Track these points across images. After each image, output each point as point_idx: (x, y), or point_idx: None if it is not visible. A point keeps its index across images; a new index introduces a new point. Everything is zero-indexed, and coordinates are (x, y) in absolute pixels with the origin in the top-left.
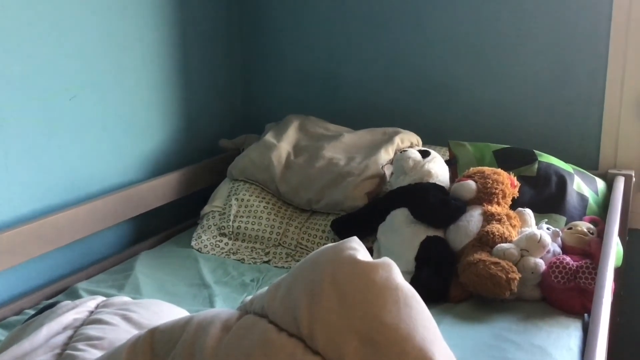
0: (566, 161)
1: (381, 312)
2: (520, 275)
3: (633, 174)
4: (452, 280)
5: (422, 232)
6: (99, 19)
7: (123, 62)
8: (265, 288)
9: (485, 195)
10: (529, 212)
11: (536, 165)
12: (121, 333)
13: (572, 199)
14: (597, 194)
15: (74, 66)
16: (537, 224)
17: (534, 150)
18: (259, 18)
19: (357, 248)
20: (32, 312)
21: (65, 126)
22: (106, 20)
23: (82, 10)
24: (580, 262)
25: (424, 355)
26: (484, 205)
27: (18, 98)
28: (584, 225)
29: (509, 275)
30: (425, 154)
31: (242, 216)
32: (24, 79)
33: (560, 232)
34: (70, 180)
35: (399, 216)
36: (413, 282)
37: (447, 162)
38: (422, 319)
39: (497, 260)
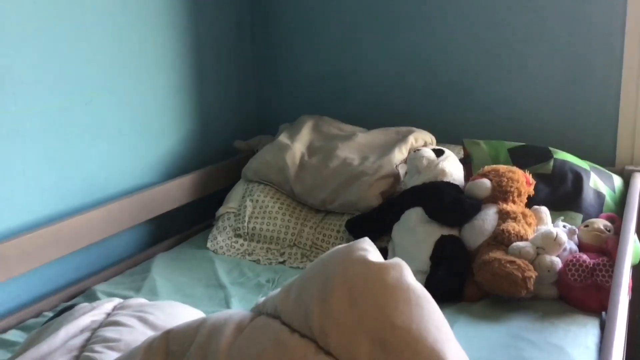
0: (582, 158)
1: (393, 313)
2: (536, 274)
3: None
4: (468, 280)
5: (436, 232)
6: (113, 25)
7: (138, 66)
8: (278, 289)
9: (500, 193)
10: (544, 210)
11: (552, 163)
12: (138, 335)
13: (588, 196)
14: (613, 191)
15: (90, 72)
16: (553, 221)
17: (550, 148)
18: (272, 20)
19: (368, 249)
20: (50, 314)
21: (82, 131)
22: (121, 25)
23: (97, 16)
24: (597, 260)
25: (437, 356)
26: (499, 204)
27: (35, 104)
28: (600, 223)
29: (525, 274)
30: (439, 153)
31: (257, 217)
32: (40, 84)
33: (576, 229)
34: (87, 183)
35: (414, 215)
36: (428, 282)
37: (461, 160)
38: (434, 320)
39: (512, 258)
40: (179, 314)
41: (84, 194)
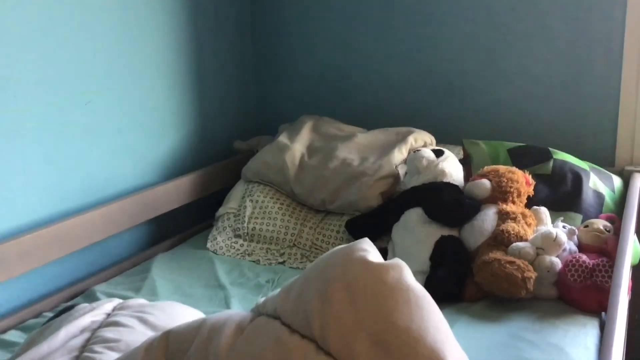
0: (582, 158)
1: (392, 313)
2: (536, 274)
3: None
4: (468, 280)
5: (436, 232)
6: (114, 25)
7: (138, 66)
8: (278, 290)
9: (500, 194)
10: (544, 211)
11: (551, 163)
12: (138, 335)
13: (588, 197)
14: (613, 192)
15: (90, 71)
16: (552, 222)
17: (549, 148)
18: (272, 20)
19: (368, 249)
20: (50, 314)
21: (82, 131)
22: (120, 25)
23: (97, 16)
24: (596, 260)
25: (436, 356)
26: (498, 204)
27: (35, 103)
28: (600, 223)
29: (525, 274)
30: (439, 153)
31: (256, 217)
32: (41, 84)
33: (576, 230)
34: (87, 184)
35: (414, 216)
36: (428, 282)
37: (461, 161)
38: (434, 320)
39: (512, 259)
40: (178, 314)
41: (84, 194)
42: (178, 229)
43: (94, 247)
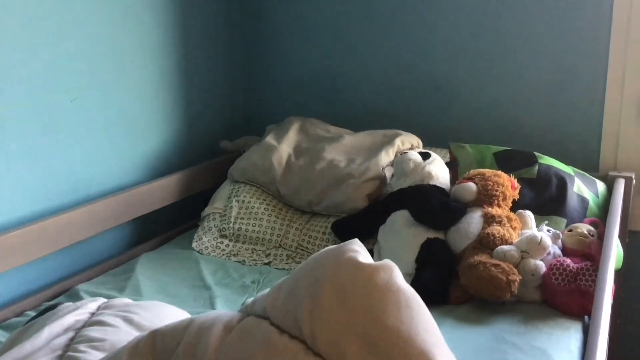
0: (566, 163)
1: (382, 314)
2: (520, 277)
3: (633, 176)
4: (453, 282)
5: (422, 234)
6: (100, 21)
7: (124, 63)
8: (267, 290)
9: (485, 197)
10: (529, 214)
11: (536, 167)
12: (122, 335)
13: (572, 201)
14: (597, 196)
15: (76, 68)
16: (537, 226)
17: (535, 152)
18: (261, 20)
19: (358, 250)
20: (33, 313)
21: (67, 128)
22: (107, 22)
23: (84, 12)
24: (580, 264)
25: (426, 358)
26: (484, 207)
27: (19, 100)
28: (584, 227)
29: (510, 277)
30: (425, 156)
31: (242, 218)
32: (25, 81)
33: (560, 234)
34: (71, 182)
35: (400, 218)
36: (413, 284)
37: (447, 164)
38: (424, 321)
39: (497, 262)
40: (164, 314)
41: (68, 192)
42: (163, 229)
43: (78, 245)
